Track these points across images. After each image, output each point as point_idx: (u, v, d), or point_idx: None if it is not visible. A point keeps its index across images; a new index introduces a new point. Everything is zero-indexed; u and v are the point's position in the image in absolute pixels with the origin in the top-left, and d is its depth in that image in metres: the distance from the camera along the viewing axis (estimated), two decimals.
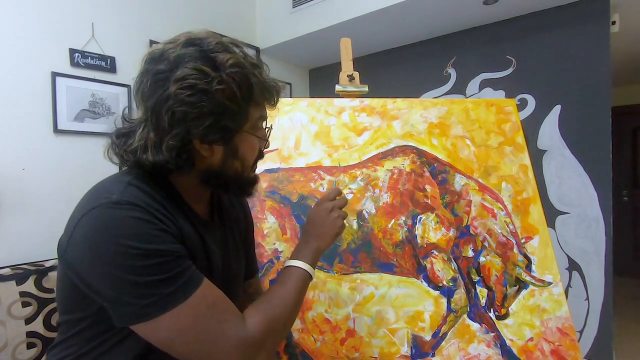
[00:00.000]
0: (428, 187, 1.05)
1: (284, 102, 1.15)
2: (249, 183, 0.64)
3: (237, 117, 0.56)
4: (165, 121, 0.52)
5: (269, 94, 0.59)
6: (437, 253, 0.99)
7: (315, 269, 0.69)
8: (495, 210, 1.03)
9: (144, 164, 0.55)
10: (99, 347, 0.55)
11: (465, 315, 0.93)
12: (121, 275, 0.48)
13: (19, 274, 1.18)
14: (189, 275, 0.51)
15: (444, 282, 0.96)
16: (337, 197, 0.76)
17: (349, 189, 1.04)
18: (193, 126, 0.53)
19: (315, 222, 0.72)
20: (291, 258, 0.68)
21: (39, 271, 1.22)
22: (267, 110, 0.62)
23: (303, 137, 1.11)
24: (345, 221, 0.74)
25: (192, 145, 0.55)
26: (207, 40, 0.55)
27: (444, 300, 0.94)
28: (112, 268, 0.48)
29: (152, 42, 1.79)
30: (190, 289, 0.51)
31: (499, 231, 1.01)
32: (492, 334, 0.91)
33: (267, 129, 0.65)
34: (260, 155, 0.66)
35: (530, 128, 1.85)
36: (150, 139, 0.54)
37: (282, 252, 0.98)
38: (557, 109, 1.83)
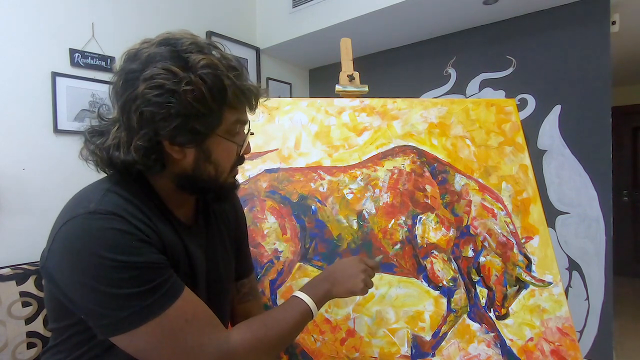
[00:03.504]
0: (428, 187, 1.05)
1: (284, 102, 1.15)
2: (225, 188, 0.62)
3: (207, 119, 0.54)
4: (134, 120, 0.51)
5: (245, 97, 0.56)
6: (437, 253, 0.99)
7: (315, 269, 0.69)
8: (495, 210, 1.03)
9: (116, 163, 0.54)
10: (88, 353, 0.55)
11: (465, 315, 0.93)
12: (98, 288, 0.47)
13: (19, 274, 1.18)
14: (168, 287, 0.51)
15: (444, 282, 0.96)
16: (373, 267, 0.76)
17: (349, 188, 1.04)
18: (160, 127, 0.51)
19: (342, 269, 0.72)
20: (303, 289, 0.68)
21: (39, 271, 1.22)
22: (247, 115, 0.60)
23: (303, 137, 1.11)
24: (366, 287, 0.74)
25: (162, 147, 0.54)
26: (181, 40, 0.53)
27: (444, 300, 0.94)
28: (89, 280, 0.47)
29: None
30: (167, 301, 0.50)
31: (499, 231, 1.01)
32: (492, 334, 0.91)
33: (247, 134, 0.63)
34: (239, 161, 0.63)
35: (530, 128, 1.85)
36: (122, 138, 0.54)
37: (282, 252, 0.98)
38: (557, 109, 1.83)
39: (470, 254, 0.99)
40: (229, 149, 0.59)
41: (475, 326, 0.92)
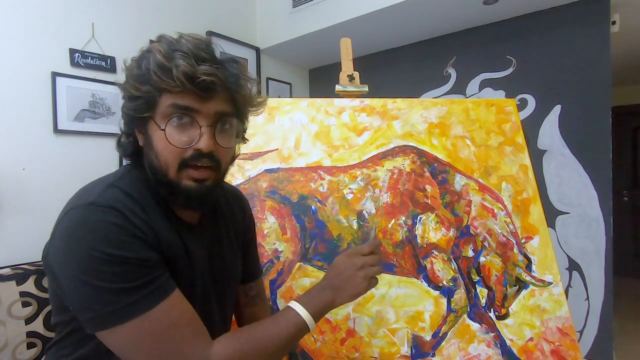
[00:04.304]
0: (428, 187, 1.05)
1: (284, 102, 1.15)
2: (180, 190, 0.55)
3: (140, 102, 0.53)
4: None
5: (165, 74, 0.50)
6: (437, 253, 0.99)
7: (317, 275, 0.66)
8: (495, 210, 1.03)
9: (120, 152, 0.61)
10: (94, 350, 0.55)
11: (465, 315, 0.93)
12: (87, 279, 0.47)
13: (19, 274, 1.18)
14: (156, 286, 0.50)
15: (444, 282, 0.96)
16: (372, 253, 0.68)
17: (349, 189, 1.04)
18: (122, 114, 0.58)
19: (337, 274, 0.65)
20: (299, 299, 0.62)
21: (39, 271, 1.22)
22: (196, 101, 0.52)
23: (303, 137, 1.11)
24: (373, 278, 0.66)
25: (135, 135, 0.59)
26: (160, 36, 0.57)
27: (444, 300, 0.94)
28: (80, 271, 0.47)
29: (152, 42, 1.78)
30: (153, 301, 0.49)
31: (499, 231, 1.01)
32: (492, 334, 0.91)
33: (176, 122, 0.53)
34: (194, 157, 0.54)
35: (530, 128, 1.85)
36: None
37: (282, 252, 0.98)
38: (557, 109, 1.83)
39: (470, 254, 0.99)
40: (161, 137, 0.53)
41: (475, 326, 0.92)
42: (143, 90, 0.52)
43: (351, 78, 1.21)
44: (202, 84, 0.51)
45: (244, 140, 0.65)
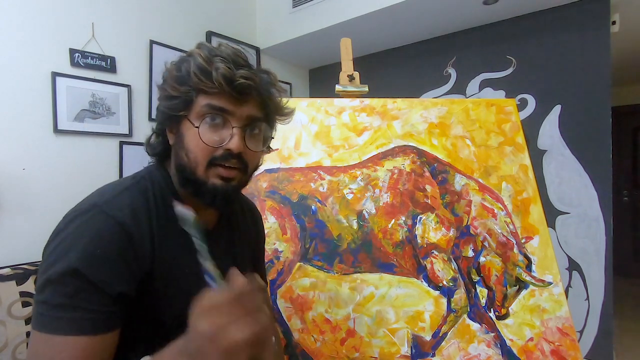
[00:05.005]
0: (428, 187, 1.05)
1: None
2: (207, 188, 0.55)
3: (176, 102, 0.56)
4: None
5: (205, 76, 0.53)
6: (437, 253, 0.99)
7: (317, 275, 0.65)
8: (495, 210, 1.03)
9: (148, 152, 0.63)
10: None
11: (465, 315, 0.93)
12: (42, 276, 0.47)
13: (19, 274, 1.18)
14: (90, 317, 0.46)
15: (444, 282, 0.96)
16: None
17: (349, 189, 1.04)
18: (157, 113, 0.60)
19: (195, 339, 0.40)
20: None
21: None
22: (227, 102, 0.54)
23: (303, 137, 1.11)
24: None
25: (165, 133, 0.61)
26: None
27: (444, 300, 0.94)
28: (45, 263, 0.48)
29: (152, 42, 1.79)
30: (77, 329, 0.45)
31: (499, 231, 1.01)
32: (492, 334, 0.91)
33: (209, 121, 0.55)
34: (223, 156, 0.55)
35: (530, 128, 1.85)
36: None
37: (282, 252, 0.98)
38: (557, 109, 1.83)
39: (470, 254, 0.99)
40: (194, 135, 0.55)
41: (475, 326, 0.92)
42: (181, 90, 0.55)
43: (351, 78, 1.21)
44: (239, 87, 0.54)
45: (269, 149, 0.65)
